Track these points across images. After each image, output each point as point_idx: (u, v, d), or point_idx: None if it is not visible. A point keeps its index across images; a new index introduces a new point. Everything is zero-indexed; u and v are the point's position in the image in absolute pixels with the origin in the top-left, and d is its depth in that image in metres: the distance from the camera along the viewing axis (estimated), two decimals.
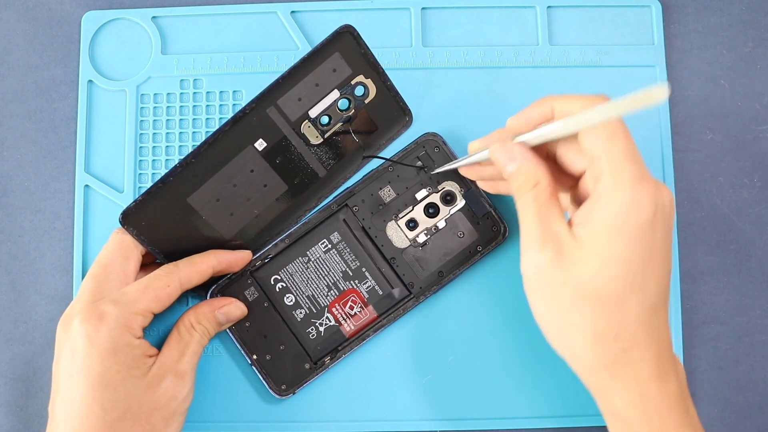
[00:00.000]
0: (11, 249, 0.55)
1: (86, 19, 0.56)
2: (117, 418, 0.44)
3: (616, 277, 0.41)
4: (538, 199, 0.43)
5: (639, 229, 0.41)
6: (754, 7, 0.57)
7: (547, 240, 0.43)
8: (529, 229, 0.44)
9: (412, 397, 0.53)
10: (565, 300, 0.42)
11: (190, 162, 0.48)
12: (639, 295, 0.41)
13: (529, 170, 0.44)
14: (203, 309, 0.49)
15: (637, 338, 0.42)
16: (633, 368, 0.42)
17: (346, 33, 0.49)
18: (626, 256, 0.41)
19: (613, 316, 0.42)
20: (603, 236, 0.41)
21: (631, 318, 0.42)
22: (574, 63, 0.56)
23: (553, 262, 0.42)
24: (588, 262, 0.41)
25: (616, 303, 0.41)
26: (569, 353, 0.44)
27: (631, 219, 0.41)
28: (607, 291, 0.41)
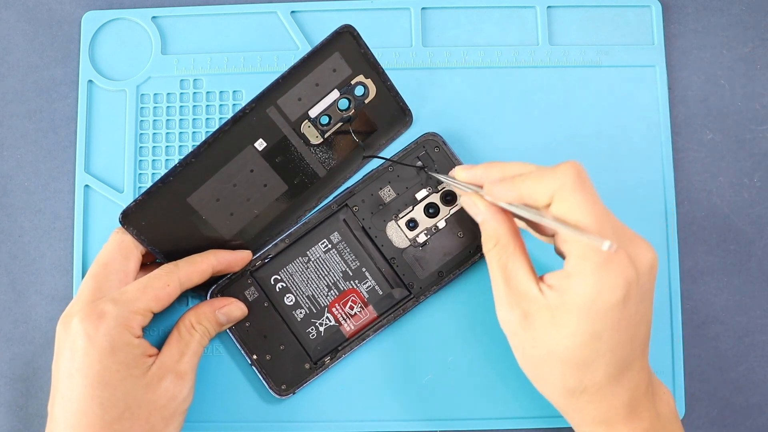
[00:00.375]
0: (11, 249, 0.55)
1: (86, 19, 0.56)
2: (116, 417, 0.44)
3: (582, 347, 0.42)
4: (502, 259, 0.45)
5: (606, 309, 0.41)
6: (754, 7, 0.57)
7: (515, 300, 0.44)
8: (496, 286, 0.45)
9: (411, 397, 0.53)
10: (535, 356, 0.44)
11: (190, 162, 0.48)
12: (606, 360, 0.42)
13: (490, 228, 0.45)
14: (204, 309, 0.49)
15: (605, 391, 0.43)
16: (602, 414, 0.44)
17: (346, 33, 0.49)
18: (593, 331, 0.41)
19: (579, 376, 0.43)
20: (571, 311, 0.42)
21: (599, 377, 0.43)
22: (574, 63, 0.56)
23: (521, 323, 0.44)
24: (555, 329, 0.42)
25: (582, 367, 0.43)
26: (545, 396, 0.46)
27: (599, 302, 0.41)
28: (574, 357, 0.42)
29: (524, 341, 0.44)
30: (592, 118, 0.55)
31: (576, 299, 0.41)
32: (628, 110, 0.55)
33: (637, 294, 0.42)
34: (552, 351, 0.43)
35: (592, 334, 0.41)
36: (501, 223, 0.45)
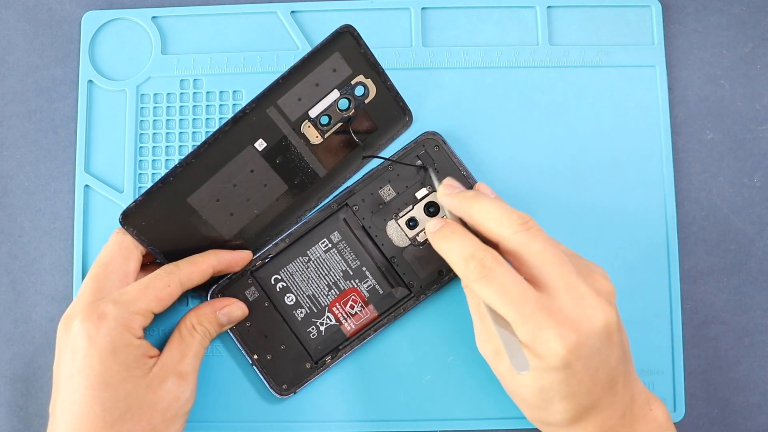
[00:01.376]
0: (11, 249, 0.55)
1: (86, 19, 0.56)
2: (117, 419, 0.44)
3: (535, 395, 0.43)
4: (475, 297, 0.46)
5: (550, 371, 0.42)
6: (754, 7, 0.57)
7: (487, 337, 0.46)
8: (474, 318, 0.47)
9: (412, 397, 0.53)
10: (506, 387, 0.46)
11: (190, 162, 0.48)
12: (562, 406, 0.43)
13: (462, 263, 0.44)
14: (204, 310, 0.49)
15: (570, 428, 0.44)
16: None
17: (346, 33, 0.49)
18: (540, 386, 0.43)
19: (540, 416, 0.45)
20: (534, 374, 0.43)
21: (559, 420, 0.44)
22: (574, 63, 0.56)
23: (493, 358, 0.46)
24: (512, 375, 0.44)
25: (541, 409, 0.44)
26: None
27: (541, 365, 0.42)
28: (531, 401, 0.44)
29: (496, 372, 0.46)
30: (592, 118, 0.55)
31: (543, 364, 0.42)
32: (628, 110, 0.55)
33: (583, 356, 0.42)
34: (514, 391, 0.45)
35: (540, 387, 0.43)
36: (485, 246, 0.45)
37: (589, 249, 0.53)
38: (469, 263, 0.43)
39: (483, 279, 0.43)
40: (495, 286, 0.42)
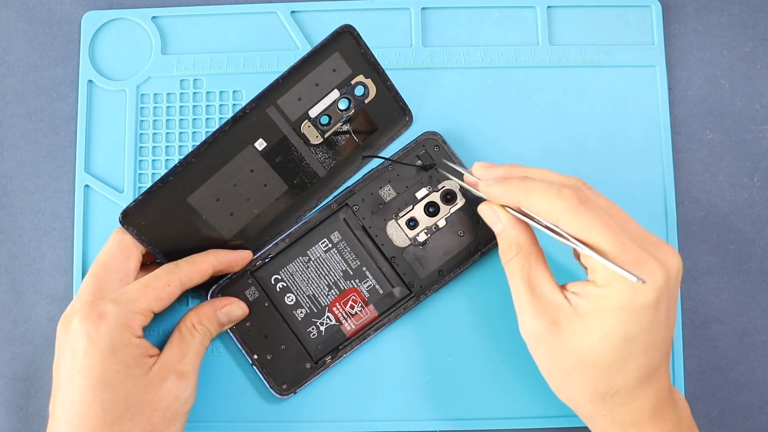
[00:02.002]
0: (11, 249, 0.55)
1: (86, 19, 0.56)
2: (117, 418, 0.44)
3: (616, 350, 0.42)
4: (524, 268, 0.45)
5: (639, 312, 0.41)
6: (754, 7, 0.57)
7: (542, 308, 0.44)
8: (519, 294, 0.45)
9: (412, 397, 0.53)
10: (565, 364, 0.43)
11: (190, 162, 0.48)
12: (638, 362, 0.42)
13: (511, 236, 0.45)
14: (204, 309, 0.49)
15: (635, 394, 0.43)
16: (630, 416, 0.44)
17: (346, 33, 0.49)
18: (626, 333, 0.41)
19: (612, 380, 0.43)
20: (603, 315, 0.42)
21: (630, 380, 0.43)
22: (574, 63, 0.56)
23: (550, 330, 0.43)
24: (587, 334, 0.42)
25: (616, 369, 0.43)
26: (571, 404, 0.46)
27: (633, 304, 0.41)
28: (607, 360, 0.42)
29: (553, 349, 0.44)
30: (592, 118, 0.55)
31: (610, 303, 0.41)
32: (628, 110, 0.55)
33: (667, 298, 0.42)
34: (584, 356, 0.42)
35: (625, 336, 0.41)
36: (522, 231, 0.45)
37: None
38: (563, 192, 0.42)
39: (581, 205, 0.41)
40: (593, 212, 0.41)
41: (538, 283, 0.44)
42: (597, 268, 0.42)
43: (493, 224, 0.47)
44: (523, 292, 0.44)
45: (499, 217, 0.46)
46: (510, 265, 0.45)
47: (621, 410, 0.44)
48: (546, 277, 0.44)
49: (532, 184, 0.44)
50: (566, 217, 0.42)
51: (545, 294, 0.44)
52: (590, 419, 0.46)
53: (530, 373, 0.53)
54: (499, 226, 0.46)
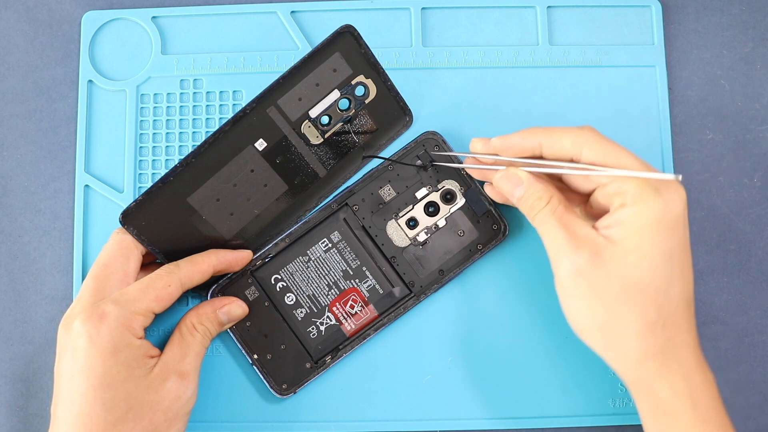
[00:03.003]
0: (11, 249, 0.55)
1: (86, 19, 0.56)
2: (119, 418, 0.44)
3: (659, 268, 0.43)
4: (557, 211, 0.45)
5: (674, 224, 0.43)
6: (754, 7, 0.57)
7: (580, 243, 0.44)
8: (556, 238, 0.45)
9: (412, 397, 0.53)
10: (611, 296, 0.44)
11: (191, 162, 0.48)
12: (681, 282, 0.44)
13: (538, 190, 0.46)
14: (205, 309, 0.49)
15: (681, 326, 0.44)
16: (678, 356, 0.44)
17: (347, 33, 0.49)
18: (665, 248, 0.43)
19: (659, 305, 0.43)
20: (640, 233, 0.43)
21: (675, 306, 0.43)
22: (574, 63, 0.56)
23: (591, 261, 0.44)
24: (629, 258, 0.43)
25: (661, 292, 0.43)
26: (614, 349, 0.45)
27: (667, 216, 0.43)
28: (653, 281, 0.43)
29: (596, 282, 0.44)
30: (592, 118, 0.55)
31: (644, 220, 0.43)
32: (628, 110, 0.55)
33: (686, 217, 0.44)
34: (628, 282, 0.43)
35: (664, 252, 0.43)
36: (546, 183, 0.47)
37: None
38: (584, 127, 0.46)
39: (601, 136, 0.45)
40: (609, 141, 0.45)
41: (572, 223, 0.45)
42: (625, 188, 0.43)
43: (514, 188, 0.47)
44: (559, 234, 0.45)
45: (519, 177, 0.47)
46: (542, 216, 0.46)
47: (668, 348, 0.44)
48: (578, 218, 0.45)
49: (552, 127, 0.47)
50: (590, 145, 0.45)
51: (581, 231, 0.44)
52: (637, 367, 0.44)
53: (531, 372, 0.53)
54: (521, 188, 0.47)
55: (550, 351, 0.53)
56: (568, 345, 0.53)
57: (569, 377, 0.53)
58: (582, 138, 0.45)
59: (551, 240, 0.45)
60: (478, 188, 0.53)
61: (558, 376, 0.53)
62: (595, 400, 0.53)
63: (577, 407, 0.53)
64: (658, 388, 0.44)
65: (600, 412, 0.53)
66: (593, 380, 0.53)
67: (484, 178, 0.51)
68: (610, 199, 0.45)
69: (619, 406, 0.53)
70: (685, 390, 0.44)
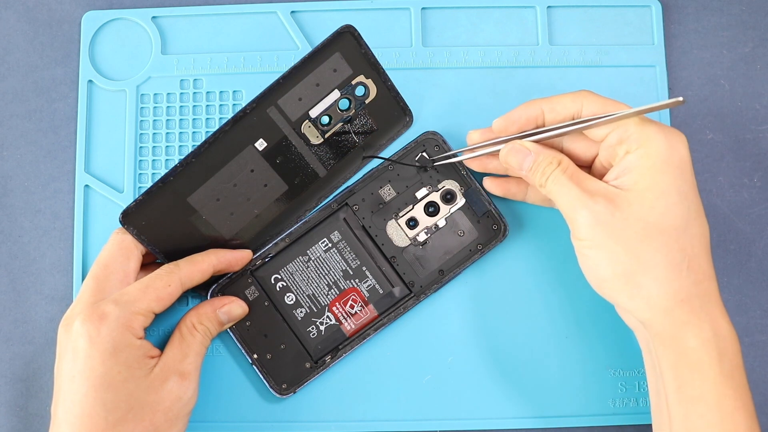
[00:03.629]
0: (11, 249, 0.55)
1: (86, 19, 0.56)
2: (119, 419, 0.44)
3: (676, 206, 0.43)
4: (568, 170, 0.46)
5: (682, 164, 0.44)
6: (754, 7, 0.57)
7: (595, 194, 0.45)
8: (570, 195, 0.45)
9: (412, 397, 0.53)
10: (632, 240, 0.44)
11: (191, 161, 0.48)
12: (698, 224, 0.44)
13: (547, 155, 0.47)
14: (205, 309, 0.49)
15: (704, 270, 0.44)
16: (706, 303, 0.44)
17: (347, 33, 0.49)
18: (678, 187, 0.44)
19: (681, 245, 0.43)
20: (651, 175, 0.44)
21: (696, 247, 0.44)
22: (574, 63, 0.56)
23: (609, 208, 0.44)
24: (644, 198, 0.43)
25: (681, 231, 0.44)
26: (640, 296, 0.44)
27: (674, 157, 0.44)
28: (672, 220, 0.43)
29: (615, 228, 0.44)
30: None
31: (652, 160, 0.44)
32: None
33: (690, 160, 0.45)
34: (648, 223, 0.43)
35: (678, 190, 0.43)
36: (553, 149, 0.48)
37: None
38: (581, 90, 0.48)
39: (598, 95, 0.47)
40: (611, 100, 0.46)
41: (584, 179, 0.46)
42: (628, 134, 0.45)
43: (523, 159, 0.48)
44: (574, 190, 0.45)
45: (526, 147, 0.47)
46: (554, 177, 0.46)
47: (695, 293, 0.43)
48: (589, 175, 0.46)
49: (550, 96, 0.48)
50: (590, 99, 0.46)
51: (593, 185, 0.45)
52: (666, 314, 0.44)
53: (531, 372, 0.53)
54: (530, 158, 0.47)
55: (550, 351, 0.53)
56: (567, 345, 0.53)
57: (569, 377, 0.53)
58: (581, 95, 0.47)
59: (566, 198, 0.45)
60: (478, 188, 0.53)
61: (558, 375, 0.53)
62: (595, 400, 0.53)
63: (577, 407, 0.53)
64: (686, 337, 0.43)
65: (600, 412, 0.53)
66: (593, 380, 0.53)
67: (484, 169, 0.51)
68: (613, 152, 0.46)
69: (619, 406, 0.53)
70: (713, 341, 0.43)
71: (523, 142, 0.48)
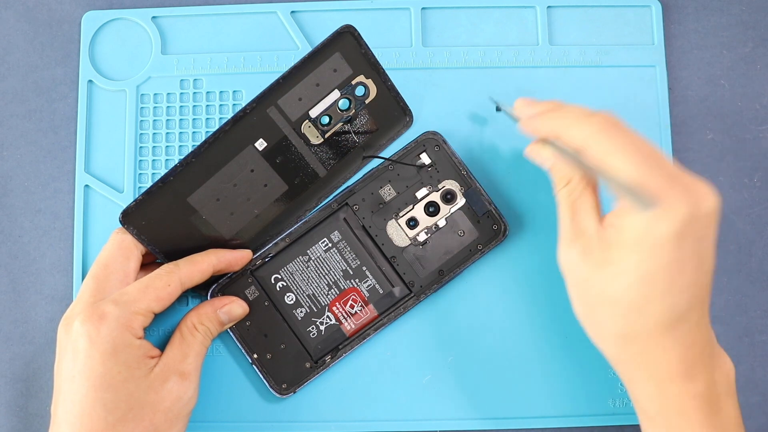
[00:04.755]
0: (11, 249, 0.55)
1: (86, 19, 0.56)
2: (119, 419, 0.44)
3: (633, 288, 0.41)
4: (571, 195, 0.45)
5: (659, 244, 0.40)
6: (754, 7, 0.57)
7: (577, 236, 0.44)
8: (562, 222, 0.45)
9: (412, 397, 0.53)
10: (591, 297, 0.43)
11: (191, 161, 0.48)
12: (659, 305, 0.41)
13: (560, 170, 0.46)
14: (205, 309, 0.49)
15: (657, 341, 0.42)
16: (652, 367, 0.43)
17: (347, 33, 0.49)
18: (643, 271, 0.41)
19: (630, 321, 0.42)
20: (624, 247, 0.41)
21: (650, 325, 0.42)
22: (574, 63, 0.56)
23: (580, 259, 0.43)
24: (609, 267, 0.42)
25: (634, 310, 0.42)
26: (597, 343, 0.45)
27: (651, 236, 0.40)
28: (626, 298, 0.42)
29: (580, 280, 0.44)
30: None
31: (629, 234, 0.41)
32: (628, 110, 0.55)
33: (693, 235, 0.40)
34: (605, 291, 0.42)
35: (645, 273, 0.41)
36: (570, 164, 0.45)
37: None
38: (592, 117, 0.43)
39: (611, 129, 0.42)
40: (621, 137, 0.42)
41: (579, 211, 0.44)
42: (619, 196, 0.42)
43: (543, 162, 0.47)
44: (565, 218, 0.45)
45: (547, 156, 0.46)
46: (559, 196, 0.46)
47: (645, 358, 0.43)
48: (589, 206, 0.44)
49: (566, 112, 0.45)
50: (594, 140, 0.42)
51: (583, 222, 0.44)
52: (617, 363, 0.45)
53: (531, 372, 0.53)
54: (548, 163, 0.46)
55: (550, 351, 0.53)
56: (567, 345, 0.53)
57: (569, 377, 0.53)
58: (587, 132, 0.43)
59: (560, 223, 0.45)
60: (478, 188, 0.53)
61: (558, 376, 0.53)
62: (595, 400, 0.53)
63: (577, 407, 0.53)
64: (633, 388, 0.45)
65: (600, 412, 0.53)
66: (593, 380, 0.53)
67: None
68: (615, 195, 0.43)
69: (619, 406, 0.53)
70: (657, 397, 0.43)
71: (541, 150, 0.46)
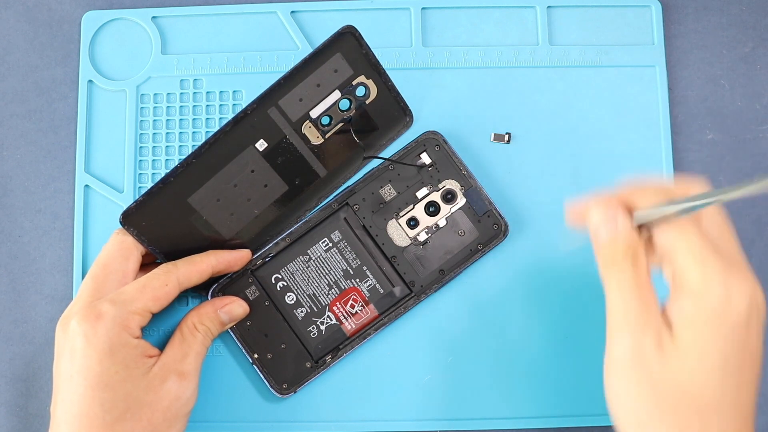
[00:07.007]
0: (11, 249, 0.55)
1: (86, 19, 0.56)
2: (117, 418, 0.44)
3: (712, 380, 0.37)
4: (639, 276, 0.39)
5: (733, 324, 0.37)
6: (754, 7, 0.57)
7: (650, 325, 0.38)
8: (626, 308, 0.39)
9: (412, 397, 0.53)
10: (660, 393, 0.38)
11: (191, 162, 0.48)
12: (732, 405, 0.38)
13: (630, 238, 0.40)
14: (206, 309, 0.49)
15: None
16: None
17: (348, 34, 0.49)
18: (721, 353, 0.37)
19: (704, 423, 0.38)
20: (698, 334, 0.37)
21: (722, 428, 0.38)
22: (574, 63, 0.56)
23: (655, 349, 0.38)
24: (684, 360, 0.38)
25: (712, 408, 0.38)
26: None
27: (725, 314, 0.37)
28: (703, 396, 0.38)
29: (652, 373, 0.38)
30: (592, 118, 0.55)
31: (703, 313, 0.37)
32: (628, 110, 0.55)
33: (756, 319, 0.38)
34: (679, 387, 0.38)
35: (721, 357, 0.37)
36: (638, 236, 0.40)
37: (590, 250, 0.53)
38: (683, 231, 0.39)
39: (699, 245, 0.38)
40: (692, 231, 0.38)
41: (649, 298, 0.39)
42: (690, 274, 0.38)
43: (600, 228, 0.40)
44: (632, 304, 0.39)
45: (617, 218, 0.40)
46: (621, 270, 0.39)
47: None
48: (654, 294, 0.39)
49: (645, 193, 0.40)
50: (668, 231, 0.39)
51: (652, 310, 0.39)
52: None
53: (530, 372, 0.53)
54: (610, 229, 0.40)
55: (550, 351, 0.53)
56: (568, 345, 0.53)
57: (569, 377, 0.53)
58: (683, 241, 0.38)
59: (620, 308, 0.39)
60: (478, 188, 0.53)
61: (558, 376, 0.53)
62: (595, 400, 0.53)
63: (577, 407, 0.53)
64: None
65: (600, 412, 0.53)
66: (593, 380, 0.53)
67: None
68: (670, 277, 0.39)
69: None
70: None
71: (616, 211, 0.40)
